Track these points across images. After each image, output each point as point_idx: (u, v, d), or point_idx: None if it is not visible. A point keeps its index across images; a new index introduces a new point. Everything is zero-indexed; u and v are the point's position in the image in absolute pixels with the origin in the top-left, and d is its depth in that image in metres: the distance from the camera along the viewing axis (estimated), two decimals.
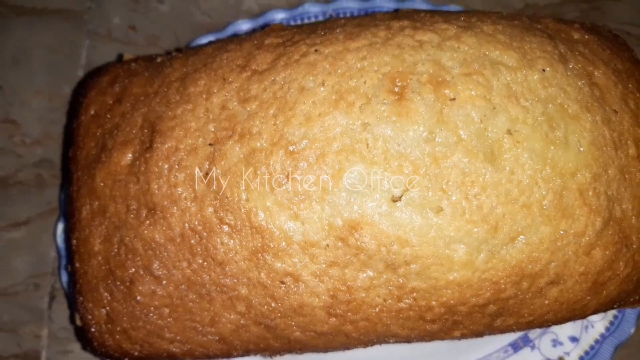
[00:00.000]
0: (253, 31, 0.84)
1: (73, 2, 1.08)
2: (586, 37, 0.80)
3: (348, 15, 0.99)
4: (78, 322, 0.74)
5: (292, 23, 0.98)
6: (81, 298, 0.73)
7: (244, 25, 0.94)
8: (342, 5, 0.97)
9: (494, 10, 0.83)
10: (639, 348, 0.97)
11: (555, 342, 0.89)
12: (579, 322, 0.89)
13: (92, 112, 0.77)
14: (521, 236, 0.67)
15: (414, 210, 0.65)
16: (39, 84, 1.03)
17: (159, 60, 0.79)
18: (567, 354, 0.88)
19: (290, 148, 0.66)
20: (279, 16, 0.94)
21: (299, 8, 0.97)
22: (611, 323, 0.89)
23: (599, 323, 0.89)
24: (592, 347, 0.88)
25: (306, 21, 0.98)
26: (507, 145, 0.67)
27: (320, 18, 0.99)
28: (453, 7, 1.01)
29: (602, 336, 0.88)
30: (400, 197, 0.65)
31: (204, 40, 0.96)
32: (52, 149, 1.00)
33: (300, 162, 0.66)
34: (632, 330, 0.88)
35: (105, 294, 0.71)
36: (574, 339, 0.89)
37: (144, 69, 0.78)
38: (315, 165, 0.66)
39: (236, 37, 0.78)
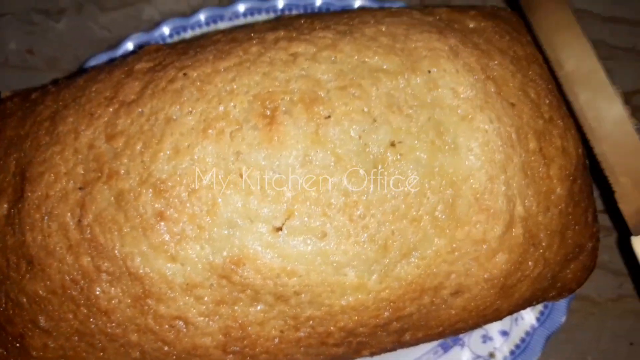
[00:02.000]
0: (132, 53, 0.80)
1: None
2: (482, 24, 0.76)
3: (249, 18, 0.94)
4: None
5: (189, 33, 0.93)
6: None
7: (133, 42, 0.89)
8: (236, 9, 0.91)
9: None
10: (575, 331, 0.95)
11: (485, 338, 0.87)
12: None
13: None
14: (414, 252, 0.65)
15: (297, 239, 0.62)
16: None
17: (33, 96, 0.75)
18: (498, 349, 0.86)
19: (160, 186, 0.62)
20: (167, 28, 0.89)
21: (194, 16, 0.92)
22: (541, 313, 0.86)
23: (529, 314, 0.87)
24: (522, 340, 0.86)
25: (205, 29, 0.93)
26: (390, 158, 0.64)
27: (220, 25, 0.94)
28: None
29: (533, 328, 0.86)
30: (282, 227, 0.62)
31: (101, 59, 0.91)
32: None
33: (171, 200, 0.62)
34: (563, 319, 0.86)
35: (1, 350, 0.69)
36: (504, 333, 0.87)
37: (18, 108, 0.74)
38: (188, 202, 0.62)
39: (108, 64, 0.74)
